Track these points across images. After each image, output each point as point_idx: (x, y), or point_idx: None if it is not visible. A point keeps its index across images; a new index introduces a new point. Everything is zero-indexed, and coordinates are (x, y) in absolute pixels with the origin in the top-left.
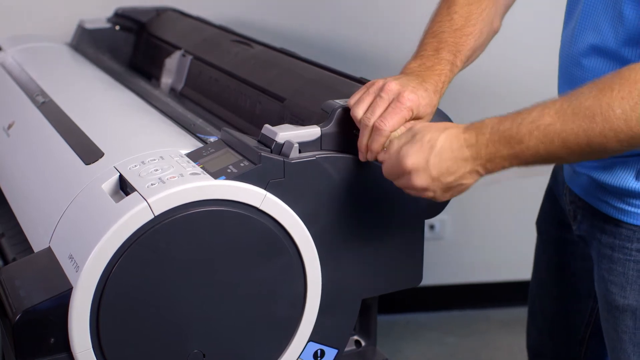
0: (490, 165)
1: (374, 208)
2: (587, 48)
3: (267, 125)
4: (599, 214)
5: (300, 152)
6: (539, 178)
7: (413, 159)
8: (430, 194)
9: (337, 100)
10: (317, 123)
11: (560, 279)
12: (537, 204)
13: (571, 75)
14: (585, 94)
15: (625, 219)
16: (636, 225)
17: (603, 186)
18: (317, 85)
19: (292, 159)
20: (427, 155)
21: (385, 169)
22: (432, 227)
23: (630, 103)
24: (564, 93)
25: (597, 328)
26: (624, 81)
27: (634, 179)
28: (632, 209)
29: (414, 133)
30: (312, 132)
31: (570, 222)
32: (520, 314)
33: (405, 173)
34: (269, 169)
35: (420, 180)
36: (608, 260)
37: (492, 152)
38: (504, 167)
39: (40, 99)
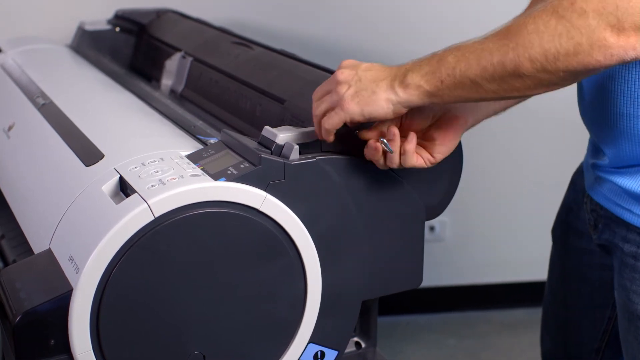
0: (407, 80)
1: (374, 210)
2: None
3: (267, 127)
4: (621, 222)
5: (300, 153)
6: (540, 180)
7: (347, 63)
8: (342, 90)
9: None
10: None
11: (576, 288)
12: (536, 206)
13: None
14: (512, 20)
15: None
16: None
17: (627, 193)
18: (317, 87)
19: (292, 161)
20: (363, 63)
21: (315, 95)
22: (432, 228)
23: (543, 19)
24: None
25: (614, 338)
26: (541, 11)
27: None
28: None
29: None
30: (312, 133)
31: (590, 231)
32: (521, 316)
33: (333, 82)
34: (269, 171)
35: (345, 71)
36: (631, 269)
37: (410, 67)
38: (419, 88)
39: (41, 101)
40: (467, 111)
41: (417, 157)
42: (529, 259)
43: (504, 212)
